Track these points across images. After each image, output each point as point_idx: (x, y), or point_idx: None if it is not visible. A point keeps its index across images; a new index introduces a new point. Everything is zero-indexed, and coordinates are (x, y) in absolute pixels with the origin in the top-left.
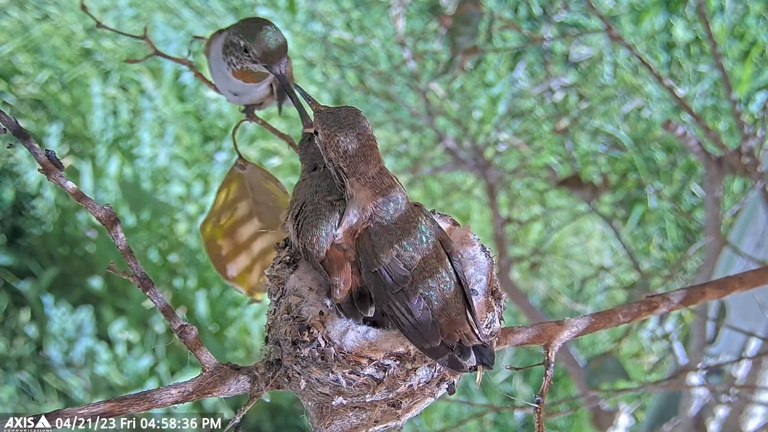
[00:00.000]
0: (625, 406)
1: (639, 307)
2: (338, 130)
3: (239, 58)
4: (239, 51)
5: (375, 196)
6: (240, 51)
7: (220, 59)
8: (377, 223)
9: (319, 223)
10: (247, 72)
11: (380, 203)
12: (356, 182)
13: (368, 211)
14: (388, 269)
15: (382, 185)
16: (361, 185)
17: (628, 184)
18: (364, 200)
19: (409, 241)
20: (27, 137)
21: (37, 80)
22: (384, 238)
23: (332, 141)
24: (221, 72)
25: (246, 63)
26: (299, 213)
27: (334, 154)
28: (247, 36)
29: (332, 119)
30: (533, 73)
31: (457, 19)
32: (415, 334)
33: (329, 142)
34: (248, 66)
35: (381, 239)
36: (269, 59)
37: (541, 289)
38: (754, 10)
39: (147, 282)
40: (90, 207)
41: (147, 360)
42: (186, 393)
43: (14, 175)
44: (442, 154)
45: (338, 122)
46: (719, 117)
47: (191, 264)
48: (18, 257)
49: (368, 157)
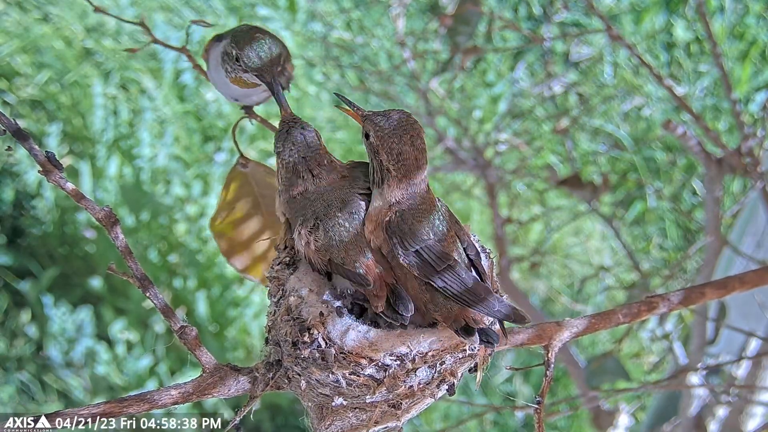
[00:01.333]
0: (625, 406)
1: (639, 307)
2: (392, 132)
3: (233, 68)
4: (232, 61)
5: (405, 192)
6: (233, 60)
7: (219, 66)
8: (402, 209)
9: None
10: (240, 80)
11: (408, 195)
12: (399, 183)
13: (393, 200)
14: (431, 248)
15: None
16: (400, 189)
17: (628, 184)
18: (393, 195)
19: (434, 221)
20: (26, 138)
21: (37, 81)
22: (416, 219)
23: (386, 144)
24: (221, 77)
25: (239, 72)
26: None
27: (386, 157)
28: (239, 46)
29: (384, 122)
30: (533, 73)
31: (457, 18)
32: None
33: (382, 144)
34: (241, 75)
35: (414, 220)
36: (260, 70)
37: (541, 289)
38: (753, 10)
39: (146, 282)
40: (89, 208)
41: (147, 360)
42: (186, 394)
43: (14, 175)
44: (442, 154)
45: (392, 125)
46: (719, 117)
47: (191, 264)
48: (18, 257)
49: (420, 161)
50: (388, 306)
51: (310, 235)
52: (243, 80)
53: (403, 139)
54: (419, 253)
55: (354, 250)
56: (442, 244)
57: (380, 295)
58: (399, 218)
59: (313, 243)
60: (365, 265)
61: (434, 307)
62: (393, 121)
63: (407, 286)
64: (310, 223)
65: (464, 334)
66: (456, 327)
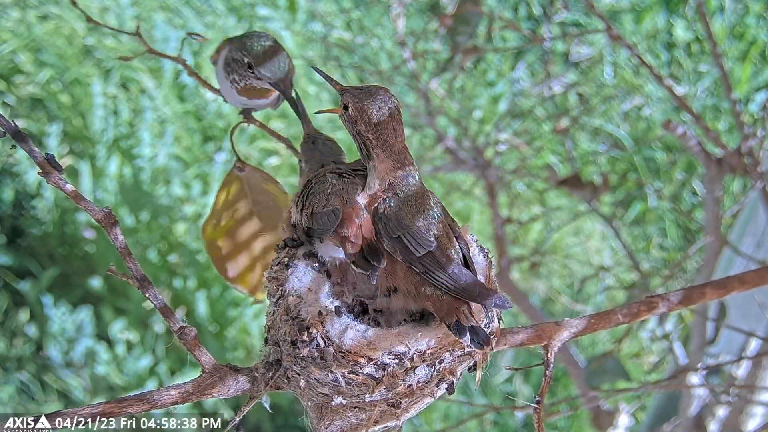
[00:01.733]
0: (625, 406)
1: (638, 307)
2: (370, 102)
3: (242, 75)
4: (243, 68)
5: (396, 169)
6: (244, 68)
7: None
8: (395, 194)
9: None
10: (251, 88)
11: (400, 176)
12: (381, 153)
13: (387, 182)
14: (414, 235)
15: (404, 160)
16: (386, 156)
17: (628, 184)
18: (384, 171)
19: (425, 214)
20: (26, 140)
21: (38, 80)
22: (405, 208)
23: (363, 113)
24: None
25: (250, 80)
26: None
27: (363, 126)
28: (253, 54)
29: (362, 93)
30: (533, 73)
31: (457, 18)
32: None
33: (360, 114)
34: (252, 83)
35: (401, 209)
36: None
37: (541, 289)
38: (753, 10)
39: (146, 283)
40: (89, 209)
41: (147, 360)
42: (186, 394)
43: (14, 175)
44: (442, 154)
45: (369, 95)
46: (719, 117)
47: (191, 264)
48: (18, 257)
49: (396, 130)
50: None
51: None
52: (253, 88)
53: (381, 109)
54: (400, 239)
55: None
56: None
57: (353, 241)
58: (387, 205)
59: (301, 202)
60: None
61: (424, 291)
62: (371, 92)
63: (396, 268)
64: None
65: (456, 332)
66: (448, 322)
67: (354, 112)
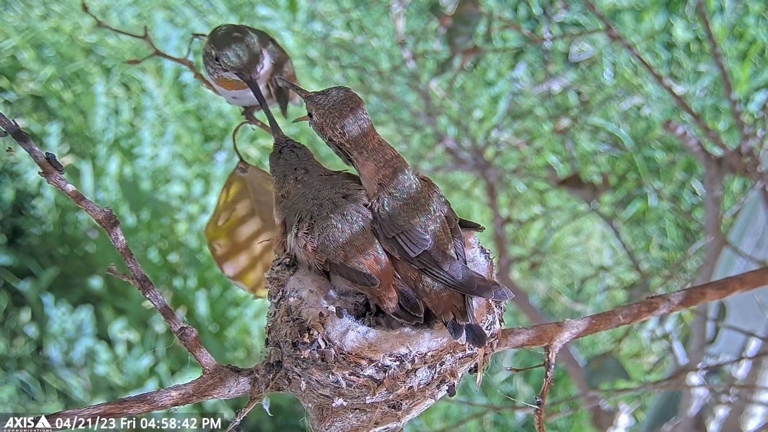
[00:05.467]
0: (625, 406)
1: (639, 307)
2: (332, 108)
3: (213, 68)
4: (213, 61)
5: (380, 169)
6: (213, 61)
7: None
8: (390, 194)
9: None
10: (224, 80)
11: (388, 175)
12: (359, 156)
13: (376, 183)
14: (408, 234)
15: (384, 157)
16: (365, 159)
17: (628, 184)
18: (370, 174)
19: (423, 212)
20: (26, 140)
21: (40, 78)
22: (400, 208)
23: (328, 120)
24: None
25: (219, 72)
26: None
27: (331, 132)
28: (218, 46)
29: (323, 99)
30: (533, 73)
31: (456, 19)
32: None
33: (325, 121)
34: (222, 75)
35: (396, 209)
36: (239, 69)
37: (541, 289)
38: (753, 10)
39: (146, 284)
40: (89, 209)
41: (147, 360)
42: (186, 395)
43: (14, 175)
44: (442, 154)
45: (330, 100)
46: (719, 117)
47: (191, 264)
48: (18, 257)
49: (364, 128)
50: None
51: (307, 236)
52: (225, 80)
53: (343, 112)
54: (395, 240)
55: (352, 250)
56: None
57: (390, 296)
58: (381, 205)
59: (310, 245)
60: (367, 264)
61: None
62: (331, 97)
63: (397, 266)
64: (306, 224)
65: (452, 330)
66: (446, 320)
67: (318, 119)
